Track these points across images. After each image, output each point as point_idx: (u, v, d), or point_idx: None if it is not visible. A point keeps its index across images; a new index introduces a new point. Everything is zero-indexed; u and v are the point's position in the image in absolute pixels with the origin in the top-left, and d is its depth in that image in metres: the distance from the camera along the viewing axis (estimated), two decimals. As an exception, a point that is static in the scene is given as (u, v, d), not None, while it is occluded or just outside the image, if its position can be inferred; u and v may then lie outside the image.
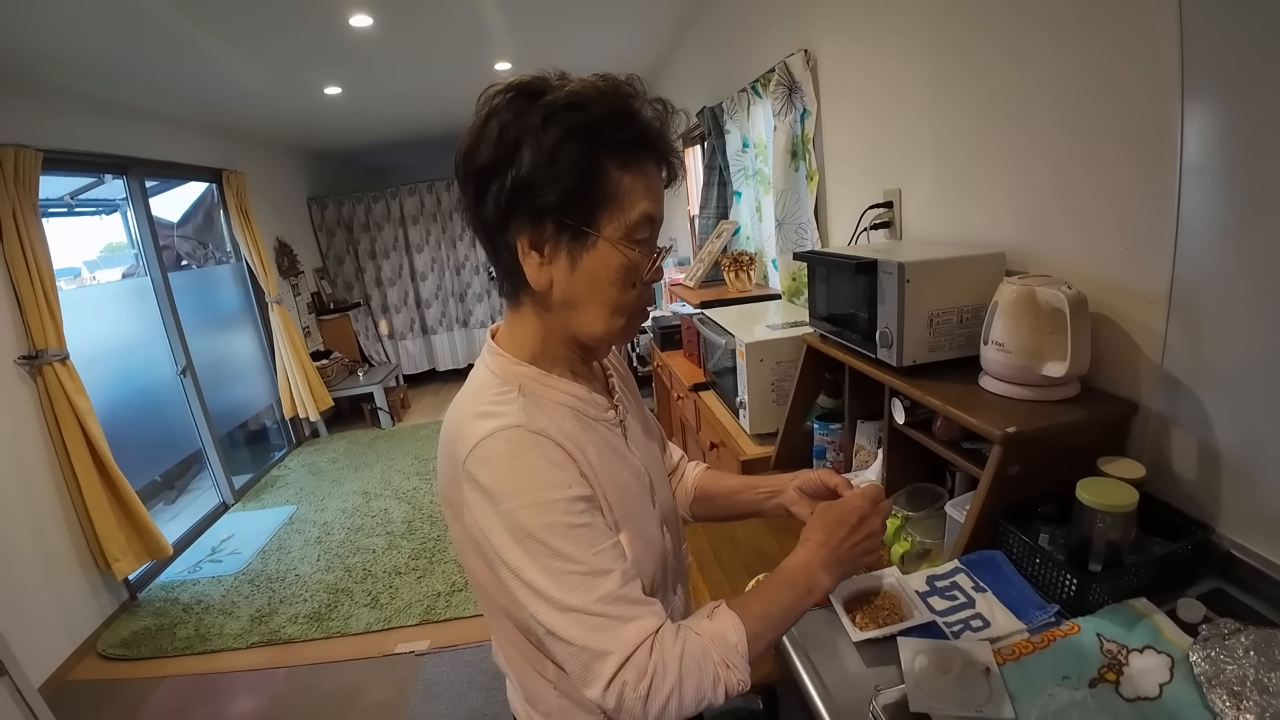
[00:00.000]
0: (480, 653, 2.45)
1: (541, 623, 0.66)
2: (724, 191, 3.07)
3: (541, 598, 0.66)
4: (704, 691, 0.66)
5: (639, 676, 0.64)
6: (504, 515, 0.66)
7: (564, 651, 0.67)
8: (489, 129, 0.67)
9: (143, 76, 3.14)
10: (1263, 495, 0.88)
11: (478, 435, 0.68)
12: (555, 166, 0.66)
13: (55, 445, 2.86)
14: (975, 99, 1.33)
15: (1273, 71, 0.77)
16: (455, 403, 0.77)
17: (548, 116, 0.66)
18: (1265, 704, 0.69)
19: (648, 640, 0.66)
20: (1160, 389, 1.00)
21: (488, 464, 0.67)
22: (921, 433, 1.23)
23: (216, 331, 4.51)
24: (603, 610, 0.65)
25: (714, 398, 2.31)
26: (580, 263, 0.70)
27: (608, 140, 0.67)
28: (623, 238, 0.70)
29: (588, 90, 0.67)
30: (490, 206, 0.69)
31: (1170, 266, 0.95)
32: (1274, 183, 0.79)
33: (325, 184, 6.48)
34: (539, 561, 0.66)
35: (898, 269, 1.15)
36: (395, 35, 3.08)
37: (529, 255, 0.70)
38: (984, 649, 0.80)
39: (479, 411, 0.71)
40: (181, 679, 2.57)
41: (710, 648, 0.68)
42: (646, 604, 0.69)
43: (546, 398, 0.75)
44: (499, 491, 0.66)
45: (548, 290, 0.72)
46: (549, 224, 0.68)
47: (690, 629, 0.69)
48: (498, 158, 0.67)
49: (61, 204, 3.86)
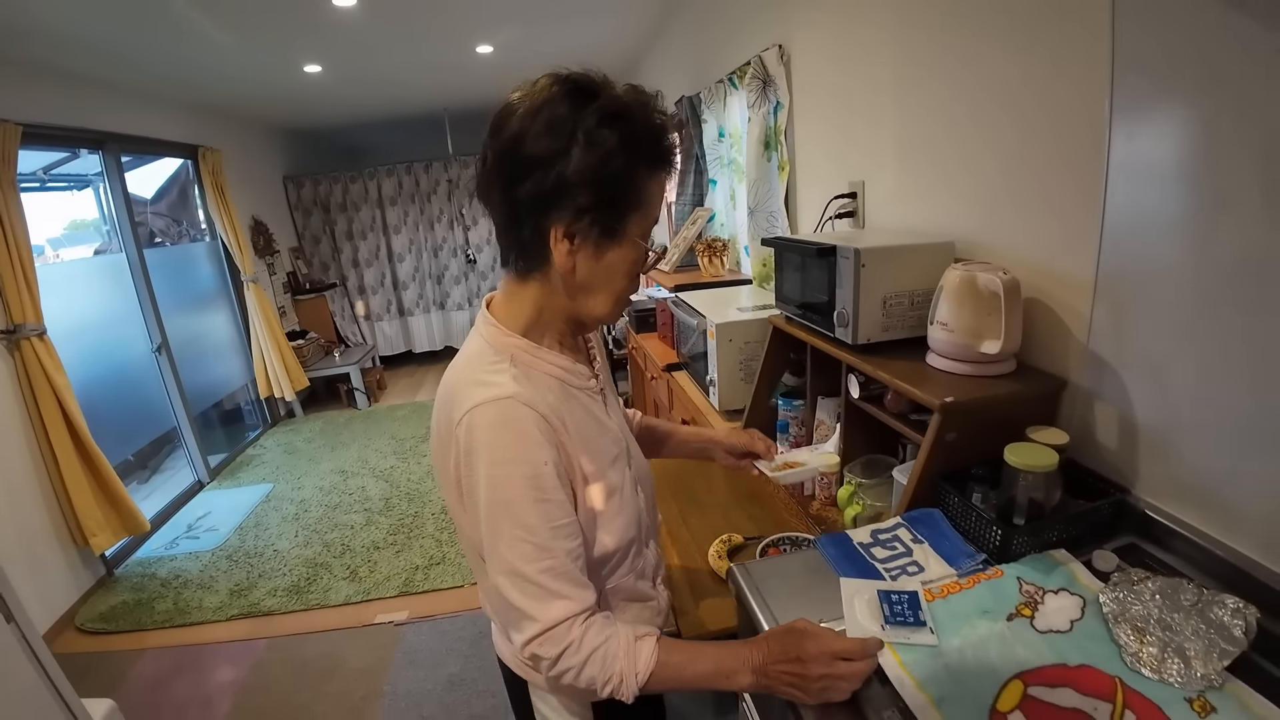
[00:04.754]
0: (458, 622, 2.53)
1: (491, 574, 0.78)
2: (700, 179, 3.16)
3: (496, 554, 0.76)
4: (595, 684, 0.77)
5: (553, 644, 0.76)
6: (484, 475, 0.75)
7: (500, 603, 0.79)
8: (541, 118, 0.73)
9: (121, 51, 3.12)
10: (1175, 462, 0.98)
11: (473, 401, 0.76)
12: (604, 171, 0.73)
13: (33, 420, 2.87)
14: (931, 101, 1.44)
15: (1189, 86, 0.87)
16: (451, 368, 0.85)
17: (601, 121, 0.73)
18: (1167, 639, 0.79)
19: (570, 619, 0.76)
20: (1087, 367, 1.10)
21: (478, 429, 0.75)
22: (875, 406, 1.33)
23: (192, 310, 4.50)
24: (540, 581, 0.76)
25: (686, 378, 2.40)
26: (605, 255, 0.79)
27: (645, 154, 0.76)
28: (641, 236, 0.80)
29: (632, 103, 0.75)
30: (530, 189, 0.74)
31: (1096, 257, 1.05)
32: (1186, 186, 0.89)
33: (302, 163, 6.43)
34: (502, 524, 0.76)
35: (854, 254, 1.25)
36: (378, 15, 3.10)
37: (561, 241, 0.77)
38: (915, 586, 0.90)
39: (476, 379, 0.79)
40: (162, 650, 2.62)
41: (621, 660, 0.77)
42: (580, 586, 0.79)
43: (535, 368, 0.83)
44: (484, 455, 0.75)
45: (569, 273, 0.80)
46: (588, 218, 0.76)
47: (619, 635, 0.78)
48: (551, 150, 0.73)
49: (34, 179, 3.82)
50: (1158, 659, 0.78)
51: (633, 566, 0.94)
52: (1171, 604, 0.84)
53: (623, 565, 0.92)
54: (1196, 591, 0.85)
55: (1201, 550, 0.93)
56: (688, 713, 1.93)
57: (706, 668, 0.79)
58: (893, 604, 0.86)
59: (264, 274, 5.27)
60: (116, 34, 2.89)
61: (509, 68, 4.43)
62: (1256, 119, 0.79)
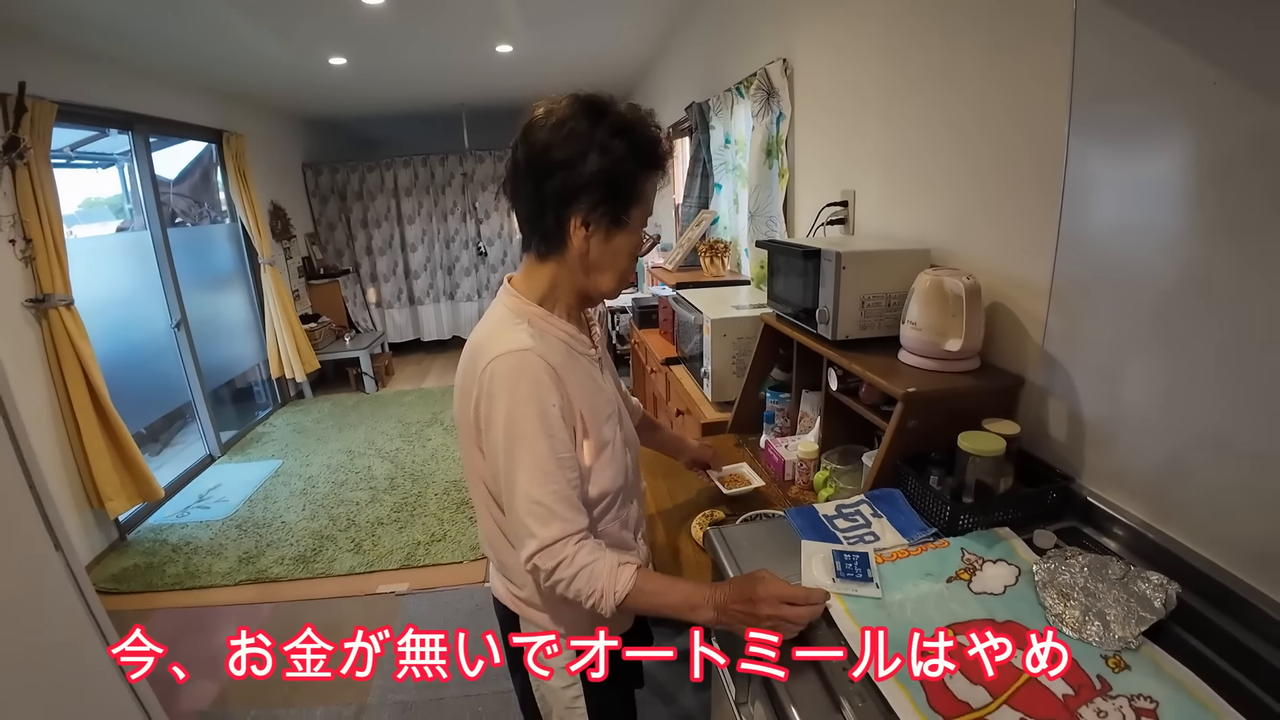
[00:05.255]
0: (457, 595, 2.65)
1: (505, 494, 0.93)
2: (706, 183, 3.27)
3: (511, 478, 0.91)
4: (581, 596, 0.91)
5: (550, 558, 0.91)
6: (504, 412, 0.90)
7: (511, 519, 0.94)
8: (565, 129, 0.90)
9: (155, 38, 3.26)
10: (1115, 454, 1.09)
11: (496, 351, 0.91)
12: (614, 172, 0.91)
13: (56, 386, 3.00)
14: (912, 118, 1.56)
15: (1138, 112, 0.97)
16: (477, 330, 1.01)
17: (613, 133, 0.90)
18: (1089, 604, 0.90)
19: (565, 538, 0.91)
20: (1042, 366, 1.21)
21: (499, 374, 0.91)
22: (851, 398, 1.44)
23: (210, 289, 4.64)
24: (545, 501, 0.91)
25: (684, 371, 2.51)
26: (613, 239, 0.96)
27: (645, 158, 0.94)
28: (638, 225, 0.98)
29: (634, 118, 0.93)
30: (554, 186, 0.91)
31: (1052, 266, 1.16)
32: (1132, 203, 1.00)
33: (321, 151, 6.58)
34: (517, 452, 0.90)
35: (836, 257, 1.36)
36: (404, 13, 3.23)
37: (578, 229, 0.93)
38: (866, 550, 1.02)
39: (498, 336, 0.94)
40: (171, 611, 2.74)
41: (604, 579, 0.90)
42: (576, 511, 0.93)
43: (548, 331, 0.98)
44: (504, 395, 0.90)
45: (584, 255, 0.96)
46: (601, 209, 0.93)
47: (605, 558, 0.92)
48: (572, 155, 0.90)
49: (61, 155, 3.95)
50: (1079, 621, 0.88)
51: (619, 515, 1.07)
52: (1098, 576, 0.95)
53: (610, 511, 1.05)
54: (1124, 568, 0.96)
55: (1135, 534, 1.03)
56: (668, 683, 2.05)
57: (676, 599, 0.92)
58: (844, 562, 0.98)
59: (280, 258, 5.41)
60: (151, 21, 3.03)
61: (527, 66, 4.56)
62: (1194, 144, 0.89)
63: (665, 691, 2.05)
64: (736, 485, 1.52)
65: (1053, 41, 1.10)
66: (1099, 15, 1.01)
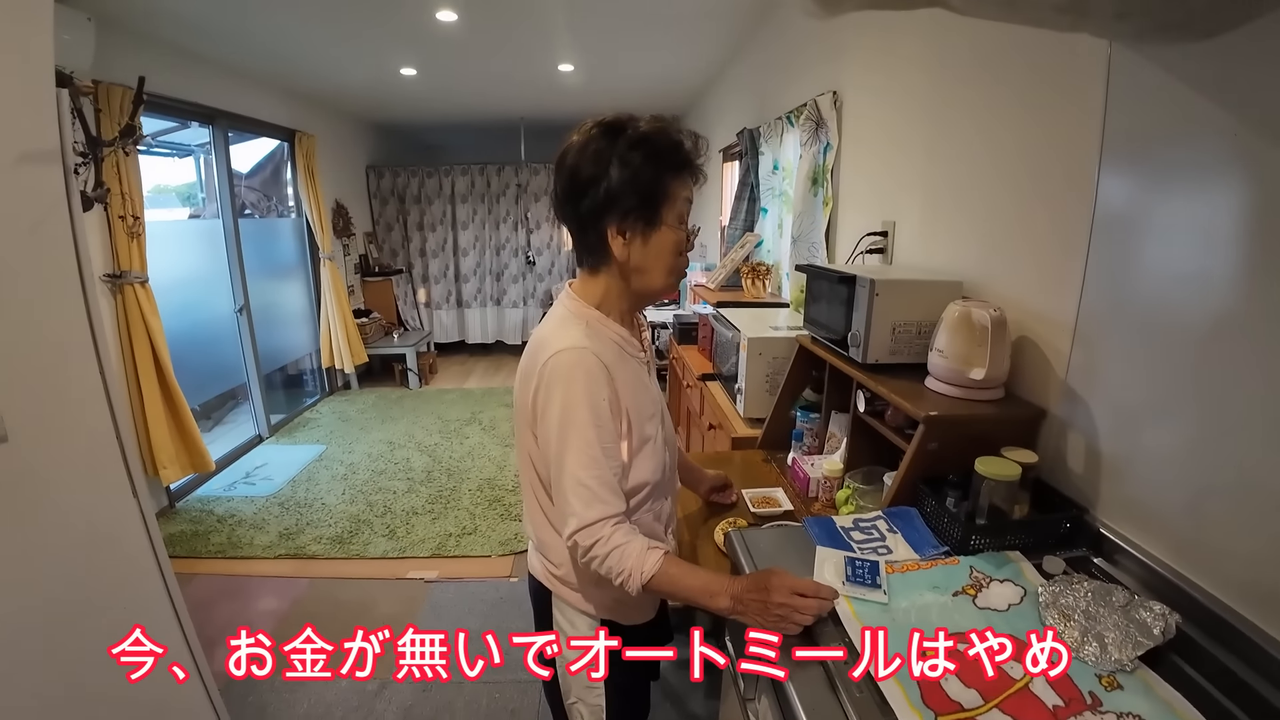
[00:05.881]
0: (483, 587, 2.74)
1: (554, 474, 1.01)
2: (752, 207, 3.35)
3: (560, 461, 0.99)
4: (612, 574, 0.99)
5: (589, 536, 0.99)
6: (560, 402, 0.99)
7: (557, 499, 1.03)
8: (588, 151, 1.00)
9: (242, 37, 3.49)
10: (1130, 488, 1.11)
11: (556, 347, 1.01)
12: (637, 181, 0.99)
13: (125, 356, 3.21)
14: (951, 155, 1.62)
15: (1164, 162, 1.02)
16: (540, 328, 1.11)
17: (630, 146, 0.99)
18: (1089, 626, 0.93)
19: (604, 519, 0.99)
20: (1064, 399, 1.25)
21: (558, 368, 1.00)
22: (878, 420, 1.49)
23: (273, 278, 4.89)
24: (590, 484, 0.99)
25: (718, 387, 2.58)
26: (650, 241, 1.04)
27: (665, 162, 1.01)
28: (675, 222, 1.05)
29: (651, 129, 1.01)
30: (588, 204, 1.01)
31: (1077, 303, 1.20)
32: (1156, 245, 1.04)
33: (384, 154, 6.87)
34: (569, 437, 0.99)
35: (870, 284, 1.42)
36: (473, 31, 3.41)
37: (616, 238, 1.02)
38: (877, 559, 1.07)
39: (558, 334, 1.04)
40: (212, 577, 2.89)
41: (634, 559, 0.98)
42: (616, 495, 1.01)
43: (602, 333, 1.07)
44: (560, 387, 0.99)
45: (626, 260, 1.04)
46: (632, 216, 1.01)
47: (637, 541, 0.99)
48: (596, 173, 0.99)
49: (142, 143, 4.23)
50: (1078, 640, 0.92)
51: (653, 508, 1.16)
52: (1101, 601, 0.98)
53: (647, 503, 1.13)
54: (1127, 595, 0.99)
55: (1144, 567, 1.05)
56: (679, 686, 2.10)
57: (697, 584, 0.99)
58: (855, 568, 1.03)
59: (339, 254, 5.66)
60: (241, 23, 3.25)
61: (586, 85, 4.72)
62: (1221, 192, 0.93)
63: (676, 694, 2.10)
64: (766, 507, 1.57)
65: (1087, 88, 1.15)
66: (1130, 62, 1.06)
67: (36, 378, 1.19)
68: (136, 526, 1.34)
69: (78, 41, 2.61)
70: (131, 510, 1.34)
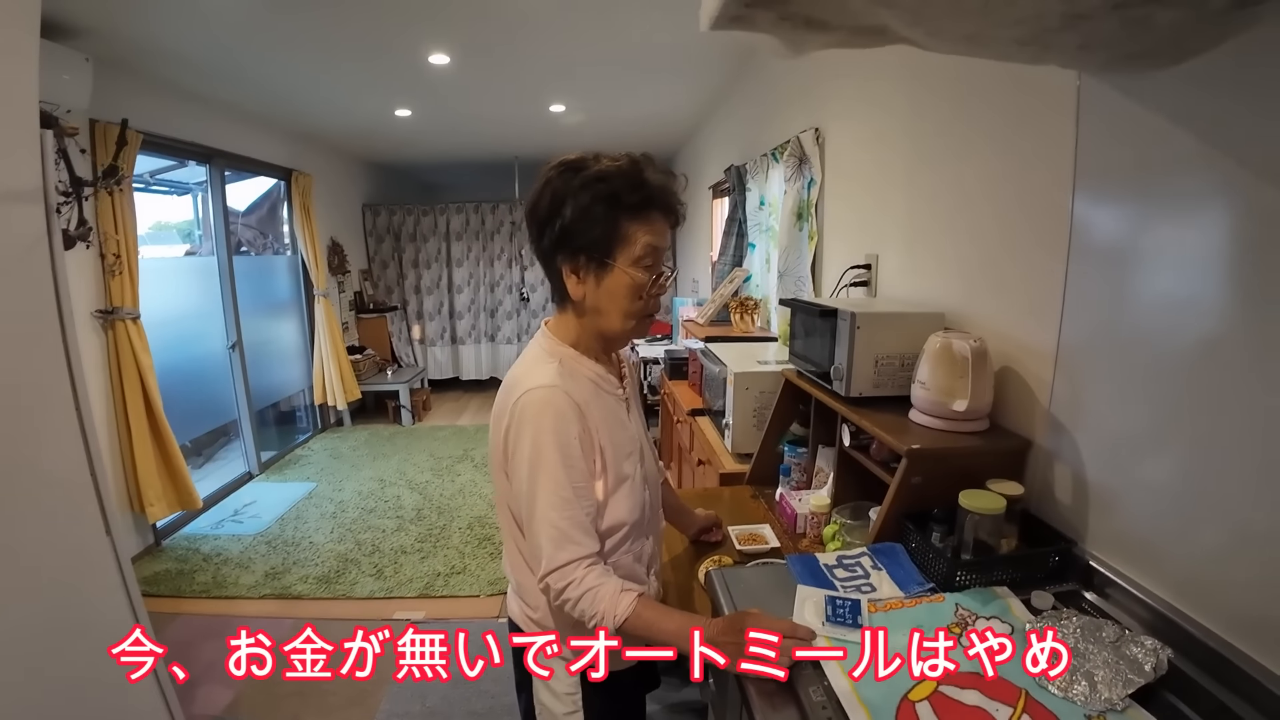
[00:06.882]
0: (471, 626, 2.68)
1: (525, 516, 1.00)
2: (740, 242, 3.38)
3: (531, 502, 0.98)
4: (585, 616, 0.98)
5: (561, 579, 0.98)
6: (530, 441, 0.98)
7: (530, 541, 1.01)
8: (545, 191, 1.01)
9: (241, 78, 3.55)
10: (1118, 519, 1.09)
11: (526, 386, 1.00)
12: (587, 220, 0.98)
13: (114, 392, 3.19)
14: (931, 189, 1.64)
15: (1134, 191, 1.03)
16: (514, 367, 1.09)
17: (582, 186, 0.98)
18: (1078, 664, 0.90)
19: (576, 561, 0.97)
20: (1049, 430, 1.23)
21: (528, 407, 0.99)
22: (863, 454, 1.48)
23: (266, 315, 4.89)
24: (560, 525, 0.98)
25: (708, 423, 2.56)
26: (603, 282, 1.02)
27: (622, 202, 0.98)
28: (630, 265, 1.01)
29: (610, 167, 0.99)
30: (546, 242, 1.02)
31: (1058, 332, 1.20)
32: (1132, 274, 1.04)
33: (381, 193, 6.95)
34: (539, 477, 0.97)
35: (851, 317, 1.42)
36: (466, 73, 3.48)
37: (570, 276, 1.02)
38: (859, 598, 1.05)
39: (530, 372, 1.03)
40: (195, 617, 2.83)
41: (606, 602, 0.96)
42: (589, 536, 1.00)
43: (577, 370, 1.07)
44: (530, 425, 0.98)
45: (582, 300, 1.04)
46: (582, 256, 1.01)
47: (610, 583, 0.97)
48: (550, 211, 1.00)
49: (140, 181, 4.28)
50: (1066, 680, 0.89)
51: (632, 548, 1.12)
52: (1090, 637, 0.95)
53: (625, 543, 1.10)
54: (1118, 631, 0.96)
55: (1136, 600, 1.03)
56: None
57: (671, 627, 0.96)
58: (836, 607, 1.01)
59: (334, 290, 5.68)
60: (240, 65, 3.31)
61: (578, 125, 4.80)
62: (1196, 219, 0.93)
63: None
64: (753, 544, 1.54)
65: (1058, 119, 1.16)
66: (1099, 92, 1.08)
67: (8, 418, 1.18)
68: (109, 566, 1.31)
69: (75, 81, 2.65)
70: (105, 550, 1.32)
